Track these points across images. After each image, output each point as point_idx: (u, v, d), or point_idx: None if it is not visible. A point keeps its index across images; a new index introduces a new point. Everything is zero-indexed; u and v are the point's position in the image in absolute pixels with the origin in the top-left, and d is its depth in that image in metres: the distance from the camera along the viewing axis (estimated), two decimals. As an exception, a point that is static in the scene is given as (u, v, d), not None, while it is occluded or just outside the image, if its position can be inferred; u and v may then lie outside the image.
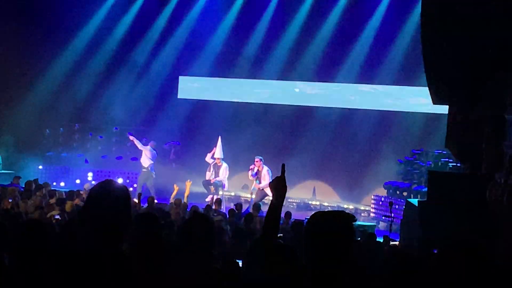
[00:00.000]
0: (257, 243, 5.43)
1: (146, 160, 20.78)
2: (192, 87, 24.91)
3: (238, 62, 23.97)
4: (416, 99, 21.76)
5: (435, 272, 3.32)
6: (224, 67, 24.28)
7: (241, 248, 9.21)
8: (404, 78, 21.94)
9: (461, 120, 14.38)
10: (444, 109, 15.46)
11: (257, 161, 19.09)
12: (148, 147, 20.94)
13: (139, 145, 20.82)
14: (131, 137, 21.03)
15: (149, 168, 20.72)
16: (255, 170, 19.12)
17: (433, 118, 20.39)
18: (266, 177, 18.88)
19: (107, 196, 3.58)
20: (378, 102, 22.69)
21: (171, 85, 24.63)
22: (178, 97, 24.75)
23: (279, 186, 4.03)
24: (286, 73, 23.56)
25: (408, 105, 22.28)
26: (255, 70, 23.89)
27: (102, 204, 3.56)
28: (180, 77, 24.84)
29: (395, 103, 22.52)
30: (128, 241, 5.00)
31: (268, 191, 18.48)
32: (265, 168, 19.06)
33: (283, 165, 4.20)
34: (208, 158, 20.12)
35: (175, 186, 17.23)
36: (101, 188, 3.64)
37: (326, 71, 22.89)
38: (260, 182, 19.02)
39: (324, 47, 22.60)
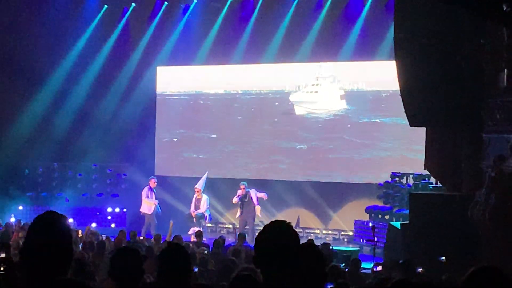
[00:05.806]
0: (241, 278, 5.39)
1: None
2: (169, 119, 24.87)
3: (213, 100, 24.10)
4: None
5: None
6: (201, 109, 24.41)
7: (226, 279, 9.13)
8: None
9: (439, 141, 14.48)
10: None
11: (242, 187, 19.76)
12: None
13: None
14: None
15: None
16: (239, 194, 19.80)
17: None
18: (253, 198, 19.77)
19: (49, 229, 3.49)
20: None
21: (149, 119, 24.56)
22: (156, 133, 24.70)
23: None
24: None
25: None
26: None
27: (45, 237, 3.49)
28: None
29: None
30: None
31: (248, 217, 19.66)
32: (252, 190, 19.86)
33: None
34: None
35: (171, 222, 17.63)
36: (42, 221, 3.56)
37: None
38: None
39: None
